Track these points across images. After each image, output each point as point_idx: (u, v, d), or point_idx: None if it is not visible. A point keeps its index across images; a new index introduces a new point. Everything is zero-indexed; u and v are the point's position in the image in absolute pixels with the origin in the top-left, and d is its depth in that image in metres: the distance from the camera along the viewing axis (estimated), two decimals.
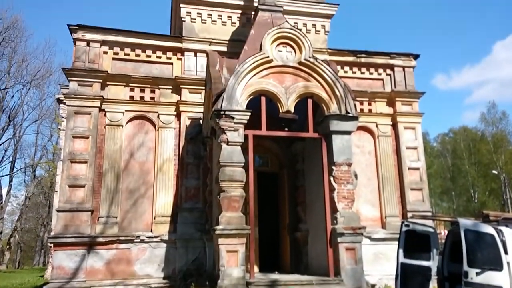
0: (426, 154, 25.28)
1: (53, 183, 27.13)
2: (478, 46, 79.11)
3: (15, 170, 34.10)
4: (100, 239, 10.11)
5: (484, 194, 47.12)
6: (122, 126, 11.05)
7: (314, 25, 12.83)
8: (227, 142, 8.29)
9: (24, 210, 36.15)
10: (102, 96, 10.92)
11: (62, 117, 19.96)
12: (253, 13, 11.44)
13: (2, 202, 31.71)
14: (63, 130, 17.07)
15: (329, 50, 12.64)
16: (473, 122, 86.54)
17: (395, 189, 12.37)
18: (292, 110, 8.88)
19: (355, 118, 8.98)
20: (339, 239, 8.39)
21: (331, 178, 8.79)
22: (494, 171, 43.56)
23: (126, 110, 11.13)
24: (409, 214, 11.73)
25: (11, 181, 33.93)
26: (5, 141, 31.85)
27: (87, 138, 10.63)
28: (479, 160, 47.17)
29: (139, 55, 11.57)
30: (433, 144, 53.87)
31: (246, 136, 8.51)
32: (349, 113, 8.91)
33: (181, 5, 12.07)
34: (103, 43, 11.30)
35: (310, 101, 9.11)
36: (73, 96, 10.77)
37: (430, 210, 12.50)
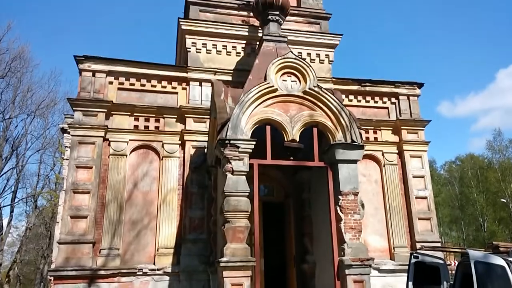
0: (433, 182, 25.05)
1: (55, 213, 26.89)
2: (481, 74, 79.89)
3: (16, 200, 33.86)
4: (102, 272, 9.85)
5: (494, 223, 46.24)
6: (126, 155, 10.99)
7: (318, 55, 12.93)
8: (232, 172, 8.17)
9: (24, 241, 35.68)
10: (107, 126, 10.92)
11: (66, 146, 19.96)
12: (257, 43, 11.58)
13: (2, 233, 31.31)
14: (66, 159, 17.05)
15: (333, 79, 12.69)
16: (480, 150, 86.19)
17: (403, 219, 12.12)
18: (297, 139, 8.79)
19: (361, 147, 8.87)
20: (346, 271, 8.11)
21: (338, 208, 8.59)
22: (503, 200, 42.91)
23: (130, 140, 11.10)
24: (418, 245, 11.41)
25: (12, 211, 33.64)
26: (8, 171, 31.79)
27: (91, 168, 10.56)
28: (487, 188, 46.56)
29: (144, 85, 11.65)
30: (440, 172, 53.44)
31: (251, 165, 8.39)
32: (354, 141, 8.81)
33: (186, 36, 12.24)
34: (109, 73, 11.41)
35: (315, 129, 9.03)
36: (77, 126, 10.78)
37: (439, 240, 12.20)
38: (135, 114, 11.32)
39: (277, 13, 10.84)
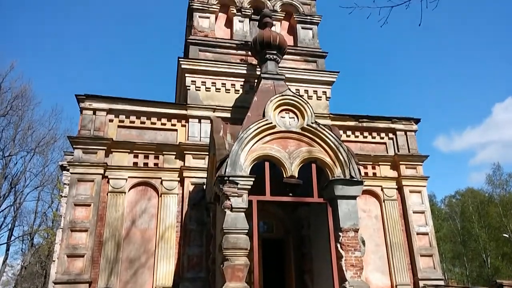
0: (434, 217, 24.73)
1: (51, 251, 26.39)
2: (477, 109, 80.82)
3: (13, 238, 33.33)
4: None
5: (497, 259, 45.33)
6: (125, 192, 10.95)
7: (315, 92, 13.17)
8: (231, 209, 8.13)
9: (20, 280, 34.81)
10: (106, 163, 10.95)
11: (64, 183, 19.90)
12: (256, 81, 11.82)
13: None
14: (65, 197, 16.96)
15: (331, 115, 12.87)
16: (480, 184, 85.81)
17: (405, 255, 11.93)
18: (296, 175, 8.81)
19: (360, 183, 8.88)
20: None
21: (338, 245, 8.49)
22: (505, 235, 42.32)
23: (129, 177, 11.11)
24: (421, 283, 11.21)
25: (8, 249, 33.00)
26: (5, 208, 31.47)
27: (89, 205, 10.50)
28: (489, 223, 45.99)
29: (144, 122, 11.78)
30: (441, 206, 52.95)
31: (250, 202, 8.36)
32: (353, 177, 8.83)
33: (186, 75, 12.51)
34: (109, 111, 11.57)
35: (314, 165, 9.07)
36: (77, 163, 10.81)
37: (442, 277, 11.97)
38: (134, 151, 11.39)
39: (275, 52, 11.14)
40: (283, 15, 14.16)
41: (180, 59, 12.56)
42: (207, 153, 11.13)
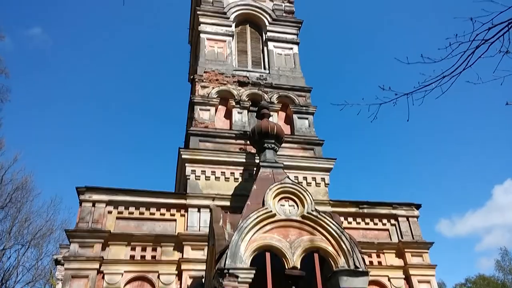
0: None
1: None
2: (477, 191, 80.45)
3: None
4: None
5: None
6: None
7: (314, 178, 13.26)
8: None
9: None
10: (102, 257, 10.61)
11: (58, 278, 19.09)
12: (255, 169, 11.97)
13: None
14: None
15: (331, 202, 12.81)
16: (490, 270, 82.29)
17: None
18: (299, 266, 8.49)
19: (365, 274, 8.52)
20: None
21: None
22: None
23: (125, 271, 10.68)
24: None
25: None
26: None
27: None
28: None
29: (143, 213, 11.67)
30: None
31: None
32: (358, 267, 8.51)
33: (186, 165, 12.70)
34: (109, 203, 11.52)
35: (316, 255, 8.78)
36: (72, 258, 10.46)
37: None
38: (132, 243, 11.10)
39: (273, 141, 11.43)
40: (280, 106, 14.81)
41: (180, 149, 12.85)
42: (206, 243, 10.85)
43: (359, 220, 12.95)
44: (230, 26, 16.26)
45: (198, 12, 16.23)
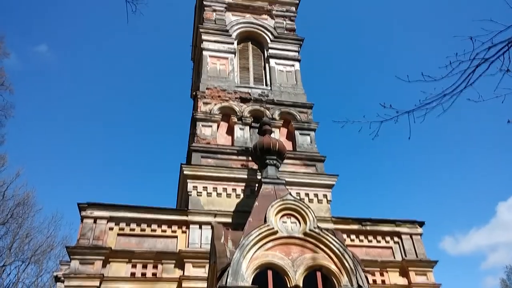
0: None
1: None
2: (480, 208, 79.54)
3: None
4: None
5: None
6: None
7: (316, 195, 13.20)
8: None
9: None
10: (103, 274, 10.52)
11: None
12: (257, 185, 11.93)
13: None
14: None
15: (333, 219, 12.72)
16: None
17: None
18: (301, 284, 8.39)
19: None
20: None
21: None
22: None
23: None
24: None
25: None
26: None
27: None
28: None
29: (144, 230, 11.60)
30: None
31: None
32: (361, 286, 8.40)
33: (188, 181, 12.68)
34: (110, 219, 11.47)
35: (319, 274, 8.68)
36: (72, 276, 10.37)
37: None
38: (133, 260, 11.01)
39: (275, 157, 11.43)
40: (282, 122, 14.85)
41: (182, 166, 12.85)
42: (208, 261, 10.75)
43: (362, 237, 12.84)
44: (232, 43, 16.44)
45: (200, 30, 16.44)
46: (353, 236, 12.75)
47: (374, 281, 11.85)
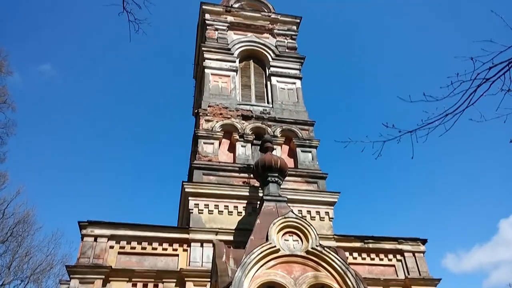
0: None
1: None
2: (482, 225, 78.68)
3: None
4: None
5: None
6: None
7: (318, 212, 13.13)
8: None
9: None
10: None
11: None
12: (258, 202, 11.89)
13: None
14: None
15: (335, 236, 12.62)
16: None
17: None
18: None
19: None
20: None
21: None
22: None
23: None
24: None
25: None
26: None
27: None
28: None
29: (145, 248, 11.51)
30: None
31: None
32: None
33: (189, 198, 12.64)
34: (111, 237, 11.40)
35: None
36: None
37: None
38: (133, 279, 10.90)
39: (276, 174, 11.42)
40: (283, 139, 14.88)
41: (184, 183, 12.83)
42: (209, 280, 10.65)
43: (364, 255, 12.71)
44: (234, 61, 16.61)
45: (203, 49, 16.63)
46: (355, 254, 12.63)
47: None
